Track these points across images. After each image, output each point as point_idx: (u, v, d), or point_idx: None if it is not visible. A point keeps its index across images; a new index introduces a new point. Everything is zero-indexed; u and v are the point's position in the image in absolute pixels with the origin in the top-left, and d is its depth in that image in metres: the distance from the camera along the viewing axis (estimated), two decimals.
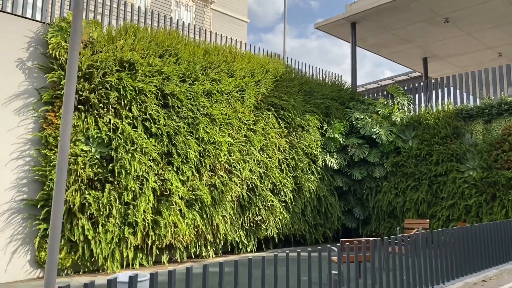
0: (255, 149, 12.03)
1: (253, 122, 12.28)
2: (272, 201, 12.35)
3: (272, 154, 12.53)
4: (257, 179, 12.02)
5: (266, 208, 12.25)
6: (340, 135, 14.40)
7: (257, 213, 12.07)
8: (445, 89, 14.54)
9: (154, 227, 9.81)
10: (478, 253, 8.88)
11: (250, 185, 11.89)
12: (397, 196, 13.92)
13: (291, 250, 12.33)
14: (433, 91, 14.76)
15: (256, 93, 12.54)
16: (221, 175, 11.18)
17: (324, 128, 14.33)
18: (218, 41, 13.83)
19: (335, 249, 8.12)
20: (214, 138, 10.97)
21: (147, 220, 9.61)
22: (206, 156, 10.83)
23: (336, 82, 16.49)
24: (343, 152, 14.55)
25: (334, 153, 14.28)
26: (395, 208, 13.92)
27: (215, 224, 11.09)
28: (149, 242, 9.78)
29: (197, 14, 39.59)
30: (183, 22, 14.52)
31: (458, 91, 14.17)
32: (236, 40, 15.22)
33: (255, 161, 12.01)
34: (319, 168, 13.79)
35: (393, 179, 14.06)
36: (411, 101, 14.95)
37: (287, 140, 13.16)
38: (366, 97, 16.13)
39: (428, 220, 12.22)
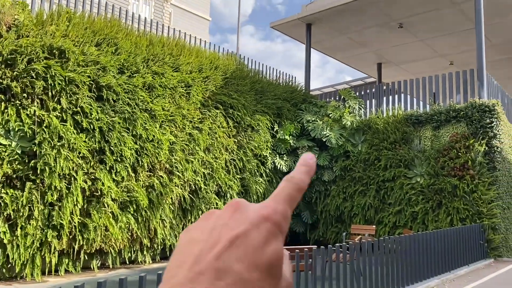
0: (200, 148, 11.40)
1: (199, 120, 11.65)
2: (217, 204, 11.76)
3: (218, 154, 11.94)
4: (201, 180, 11.39)
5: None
6: (290, 137, 14.03)
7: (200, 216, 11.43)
8: (396, 95, 14.49)
9: (83, 231, 8.98)
10: (421, 262, 8.68)
11: (193, 187, 11.25)
12: (345, 200, 13.69)
13: None
14: (384, 97, 14.68)
15: (203, 90, 11.92)
16: (160, 176, 10.47)
17: (275, 129, 13.90)
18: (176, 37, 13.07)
19: None
20: (154, 136, 10.25)
21: (74, 222, 8.77)
22: (144, 155, 10.09)
23: (290, 83, 16.14)
24: (293, 154, 14.17)
25: (284, 155, 13.88)
26: (342, 213, 13.69)
27: (152, 228, 10.37)
28: (76, 247, 8.94)
29: (156, 9, 38.40)
30: (139, 15, 13.71)
31: (408, 96, 14.14)
32: (190, 35, 14.55)
33: (200, 162, 11.38)
34: (267, 170, 13.33)
35: (342, 183, 13.83)
36: (362, 105, 14.79)
37: (236, 140, 12.61)
38: (319, 100, 15.86)
39: (374, 226, 12.03)
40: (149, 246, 10.53)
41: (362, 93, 15.31)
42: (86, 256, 9.22)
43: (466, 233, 10.42)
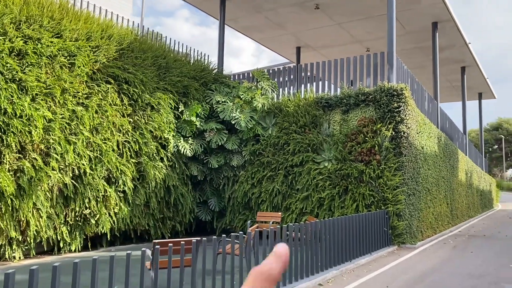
0: (86, 128, 9.97)
1: (85, 96, 10.19)
2: (106, 190, 10.44)
3: (109, 135, 10.57)
4: (87, 164, 10.00)
5: (98, 199, 10.31)
6: (198, 118, 12.95)
7: (87, 205, 10.07)
8: (308, 77, 13.92)
9: None
10: (320, 252, 8.10)
11: (77, 172, 9.83)
12: (253, 186, 12.95)
13: (123, 249, 10.58)
14: (296, 80, 14.05)
15: (92, 61, 10.44)
16: (34, 158, 8.95)
17: (180, 110, 12.74)
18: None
19: (149, 251, 6.63)
20: (23, 111, 8.69)
21: None
22: (10, 134, 8.51)
23: (202, 62, 14.96)
24: (200, 137, 13.14)
25: (190, 138, 12.79)
26: (250, 200, 12.95)
27: (23, 218, 8.86)
28: None
29: None
30: None
31: (321, 80, 13.62)
32: (94, 5, 12.85)
33: (85, 143, 9.96)
34: (169, 154, 12.18)
35: (251, 168, 13.07)
36: (275, 87, 14.07)
37: (132, 120, 11.30)
38: (232, 81, 14.90)
39: (280, 213, 11.39)
40: (20, 239, 9.02)
41: (276, 71, 14.56)
42: None
43: (370, 220, 10.08)
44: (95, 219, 10.24)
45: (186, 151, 12.38)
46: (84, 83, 10.20)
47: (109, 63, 10.87)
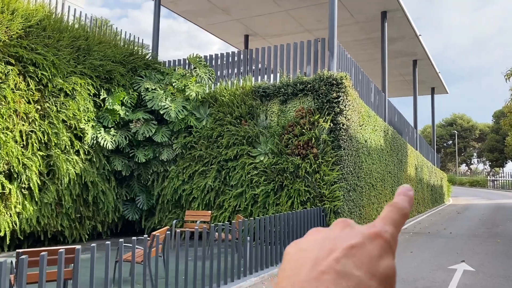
0: None
1: None
2: (5, 187, 9.09)
3: (9, 124, 9.21)
4: None
5: None
6: (123, 107, 11.72)
7: None
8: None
9: None
10: (241, 256, 7.16)
11: None
12: (184, 183, 11.87)
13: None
14: (235, 64, 13.04)
15: None
16: None
17: (101, 97, 11.47)
18: None
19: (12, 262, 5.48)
20: None
21: None
22: None
23: (134, 46, 13.66)
24: (125, 128, 11.91)
25: (112, 129, 11.55)
26: (181, 197, 11.87)
27: None
28: None
29: None
30: None
31: (260, 67, 12.68)
32: None
33: None
34: (86, 147, 10.90)
35: (182, 163, 11.98)
36: (212, 74, 13.00)
37: (40, 107, 9.96)
38: (167, 68, 13.70)
39: (210, 212, 10.42)
40: None
41: (213, 57, 13.47)
42: None
43: (303, 218, 9.24)
44: None
45: (107, 143, 11.14)
46: None
47: (12, 41, 9.48)
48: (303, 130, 10.68)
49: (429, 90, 28.85)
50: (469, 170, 68.74)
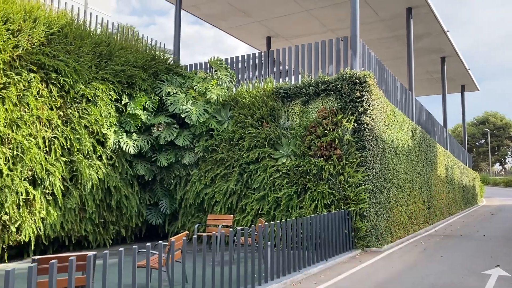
0: (1, 123, 8.70)
1: (2, 86, 8.92)
2: (29, 193, 9.19)
3: (32, 130, 9.33)
4: (4, 164, 8.75)
5: (20, 203, 9.06)
6: (145, 111, 11.73)
7: (5, 211, 8.82)
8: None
9: None
10: (263, 261, 6.96)
11: None
12: (206, 186, 11.77)
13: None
14: (256, 66, 12.87)
15: (11, 47, 9.17)
16: None
17: (123, 102, 11.51)
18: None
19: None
20: None
21: None
22: None
23: (155, 50, 13.70)
24: (147, 132, 11.92)
25: (134, 133, 11.57)
26: (203, 201, 11.77)
27: None
28: None
29: None
30: None
31: (281, 66, 12.47)
32: None
33: (0, 139, 8.71)
34: (109, 152, 10.94)
35: (204, 166, 11.89)
36: (233, 77, 12.88)
37: (62, 113, 10.05)
38: (187, 71, 13.68)
39: (232, 215, 10.26)
40: None
41: (234, 60, 13.36)
42: None
43: (328, 221, 8.96)
44: (16, 225, 9.00)
45: (129, 148, 11.16)
46: (1, 71, 8.93)
47: (34, 49, 9.60)
48: (326, 131, 10.40)
49: (459, 88, 27.96)
50: (503, 170, 66.40)
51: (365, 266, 8.60)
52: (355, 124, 10.25)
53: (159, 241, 5.86)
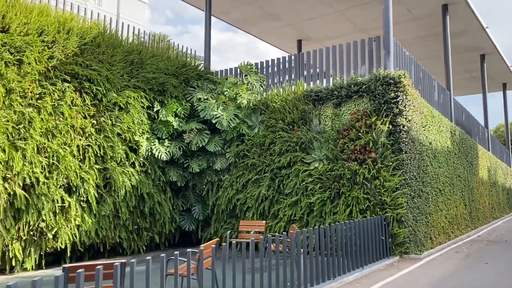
0: (37, 132, 8.93)
1: (38, 96, 9.15)
2: (65, 201, 9.36)
3: (67, 139, 9.51)
4: (40, 172, 8.95)
5: (56, 211, 9.24)
6: (176, 118, 11.78)
7: (43, 217, 9.02)
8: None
9: None
10: (295, 270, 6.76)
11: (28, 181, 8.78)
12: (238, 192, 11.67)
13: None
14: (287, 74, 12.70)
15: (46, 58, 9.41)
16: None
17: (155, 109, 11.61)
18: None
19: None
20: None
21: None
22: None
23: (186, 57, 13.77)
24: (179, 139, 11.96)
25: (166, 140, 11.62)
26: (235, 206, 11.67)
27: None
28: None
29: None
30: None
31: (312, 69, 12.24)
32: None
33: (36, 148, 8.92)
34: (141, 159, 11.03)
35: (235, 172, 11.79)
36: (264, 81, 12.75)
37: (96, 121, 10.22)
38: (218, 77, 13.68)
39: (264, 221, 10.09)
40: None
41: (264, 65, 13.24)
42: None
43: (363, 227, 8.65)
44: (53, 232, 9.18)
45: (161, 155, 11.22)
46: (36, 82, 9.17)
47: (68, 59, 9.82)
48: (360, 134, 10.08)
49: (500, 86, 26.76)
50: None
51: (404, 273, 8.22)
52: (390, 126, 9.88)
53: (188, 249, 5.77)
